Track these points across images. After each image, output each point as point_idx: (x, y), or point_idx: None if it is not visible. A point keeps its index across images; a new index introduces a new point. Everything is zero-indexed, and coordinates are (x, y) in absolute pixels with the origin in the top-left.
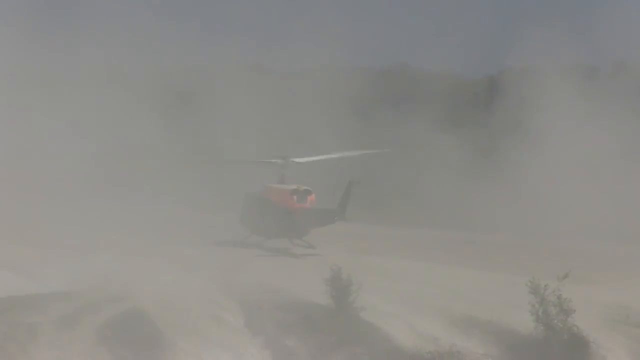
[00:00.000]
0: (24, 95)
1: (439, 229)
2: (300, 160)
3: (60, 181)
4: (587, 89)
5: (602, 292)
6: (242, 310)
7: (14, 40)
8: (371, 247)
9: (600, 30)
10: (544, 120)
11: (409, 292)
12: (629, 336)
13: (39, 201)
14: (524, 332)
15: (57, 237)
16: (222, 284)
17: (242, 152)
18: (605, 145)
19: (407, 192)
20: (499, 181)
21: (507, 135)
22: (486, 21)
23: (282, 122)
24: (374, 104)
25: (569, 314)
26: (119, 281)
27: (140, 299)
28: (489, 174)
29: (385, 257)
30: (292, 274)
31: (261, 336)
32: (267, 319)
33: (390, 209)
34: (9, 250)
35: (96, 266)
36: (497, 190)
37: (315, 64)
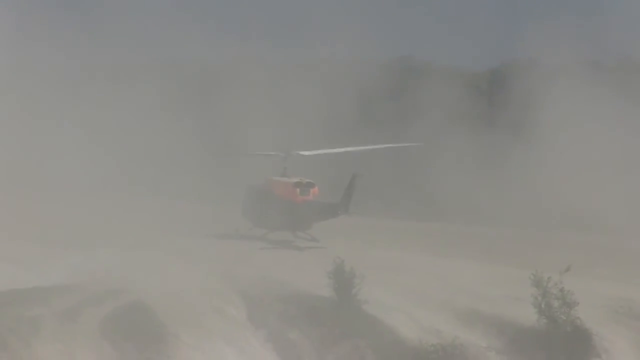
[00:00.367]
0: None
1: (443, 222)
2: (306, 153)
3: (63, 177)
4: (592, 83)
5: (605, 285)
6: (245, 303)
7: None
8: (374, 240)
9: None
10: (549, 113)
11: (412, 285)
12: (631, 329)
13: (42, 197)
14: (526, 325)
15: (58, 232)
16: (225, 277)
17: (246, 145)
18: (610, 138)
19: (410, 185)
20: (503, 174)
21: (512, 128)
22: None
23: (286, 115)
24: (376, 97)
25: (572, 307)
26: (121, 274)
27: (142, 292)
28: (493, 167)
29: (388, 250)
30: (295, 267)
31: (264, 329)
32: (270, 312)
33: (393, 202)
34: (11, 244)
35: (98, 259)
36: (500, 183)
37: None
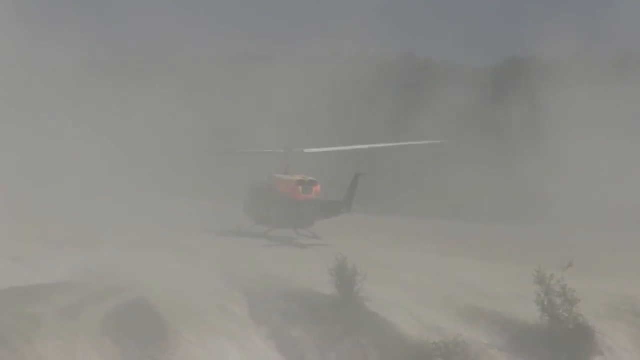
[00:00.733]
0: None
1: (445, 220)
2: (310, 150)
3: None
4: (594, 79)
5: (607, 282)
6: (247, 300)
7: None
8: (376, 237)
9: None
10: (552, 110)
11: (414, 282)
12: (634, 325)
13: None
14: (529, 322)
15: (59, 229)
16: (227, 274)
17: (249, 142)
18: (613, 135)
19: (413, 182)
20: (505, 171)
21: (514, 126)
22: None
23: (288, 112)
24: (378, 94)
25: (574, 304)
26: (122, 271)
27: (144, 289)
28: (495, 164)
29: (390, 247)
30: (297, 264)
31: (266, 326)
32: (272, 309)
33: (395, 199)
34: (13, 242)
35: (100, 257)
36: (502, 180)
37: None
